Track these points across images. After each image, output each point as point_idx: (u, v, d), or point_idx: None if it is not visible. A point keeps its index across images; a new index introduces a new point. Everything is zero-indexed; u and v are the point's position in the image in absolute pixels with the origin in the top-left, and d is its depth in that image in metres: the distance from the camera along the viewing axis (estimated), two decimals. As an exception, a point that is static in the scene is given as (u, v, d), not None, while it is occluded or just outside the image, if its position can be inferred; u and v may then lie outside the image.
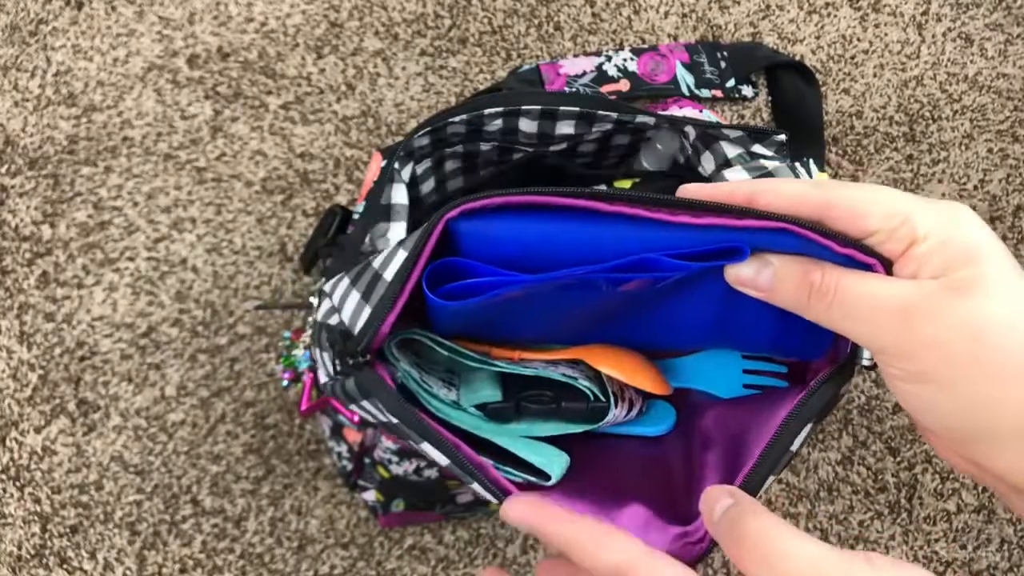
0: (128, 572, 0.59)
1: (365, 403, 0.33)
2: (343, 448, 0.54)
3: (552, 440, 0.36)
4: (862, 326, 0.29)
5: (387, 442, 0.48)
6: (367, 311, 0.32)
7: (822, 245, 0.29)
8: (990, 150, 0.66)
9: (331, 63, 0.65)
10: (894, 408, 0.63)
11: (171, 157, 0.63)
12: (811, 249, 0.30)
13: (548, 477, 0.33)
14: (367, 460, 0.53)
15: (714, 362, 0.40)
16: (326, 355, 0.35)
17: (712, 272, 0.33)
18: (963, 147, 0.66)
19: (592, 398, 0.36)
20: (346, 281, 0.35)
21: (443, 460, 0.32)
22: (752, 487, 0.31)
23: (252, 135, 0.64)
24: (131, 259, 0.62)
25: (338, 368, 0.34)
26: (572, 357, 0.37)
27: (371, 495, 0.55)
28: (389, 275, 0.31)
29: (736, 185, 0.31)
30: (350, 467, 0.54)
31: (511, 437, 0.35)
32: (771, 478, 0.31)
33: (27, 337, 0.61)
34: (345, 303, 0.34)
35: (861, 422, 0.63)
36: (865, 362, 0.32)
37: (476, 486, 0.32)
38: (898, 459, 0.62)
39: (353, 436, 0.51)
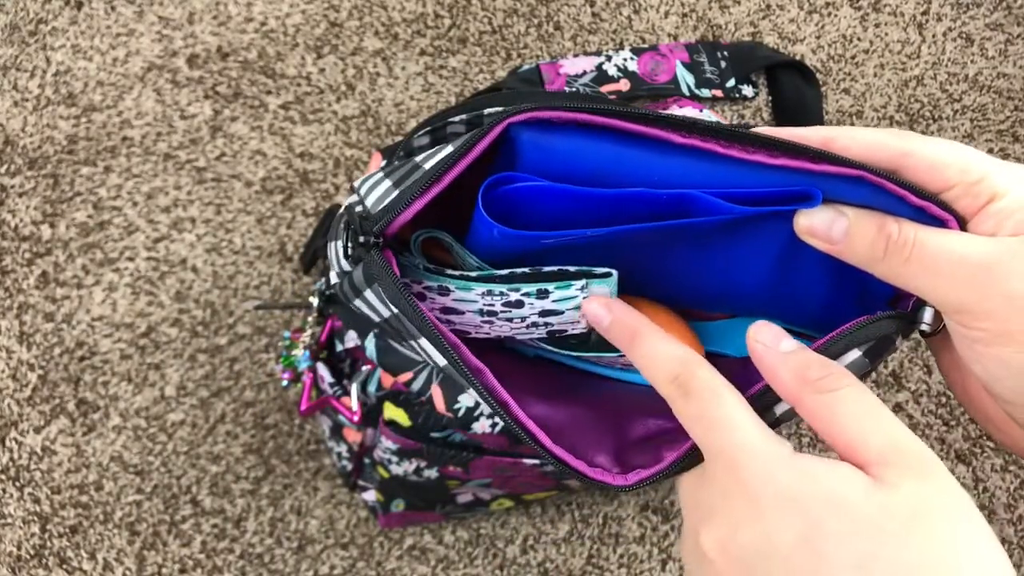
0: (128, 572, 0.59)
1: (369, 294, 0.32)
2: (343, 448, 0.54)
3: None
4: (941, 282, 0.27)
5: (387, 442, 0.48)
6: (394, 194, 0.30)
7: (897, 196, 0.28)
8: (990, 150, 0.66)
9: (331, 63, 0.65)
10: (894, 408, 0.63)
11: (171, 157, 0.63)
12: (883, 200, 0.28)
13: (609, 274, 0.32)
14: (367, 460, 0.53)
15: (747, 328, 0.39)
16: (339, 243, 0.34)
17: (771, 225, 0.31)
18: (963, 147, 0.66)
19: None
20: (379, 175, 0.33)
21: (440, 360, 0.31)
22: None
23: (252, 135, 0.64)
24: (131, 259, 0.62)
25: (348, 252, 0.32)
26: None
27: (371, 495, 0.55)
28: (428, 165, 0.30)
29: (811, 129, 0.30)
30: (350, 467, 0.54)
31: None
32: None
33: (27, 337, 0.61)
34: (373, 191, 0.32)
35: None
36: (924, 326, 0.30)
37: (472, 393, 0.31)
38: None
39: (353, 436, 0.51)
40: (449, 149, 0.30)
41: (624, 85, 0.64)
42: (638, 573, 0.60)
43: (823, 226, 0.29)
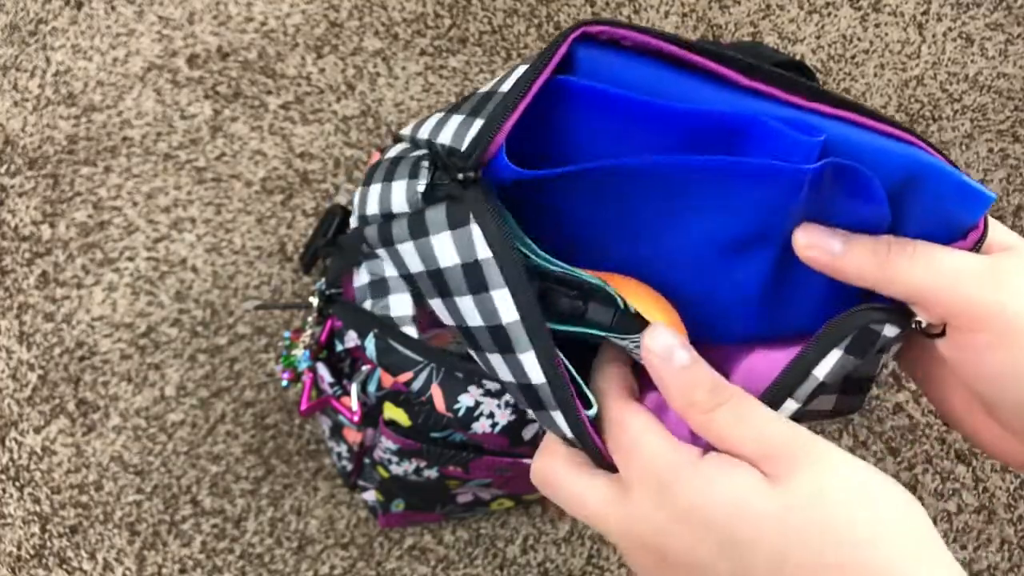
0: (128, 572, 0.59)
1: (436, 239, 0.29)
2: (343, 448, 0.54)
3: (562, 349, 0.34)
4: (947, 281, 0.27)
5: (387, 442, 0.48)
6: (479, 123, 0.28)
7: (946, 164, 0.28)
8: (990, 150, 0.66)
9: (331, 63, 0.65)
10: (894, 408, 0.63)
11: (171, 157, 0.63)
12: (928, 171, 0.28)
13: (590, 404, 0.31)
14: (367, 460, 0.53)
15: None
16: (398, 183, 0.32)
17: (767, 244, 0.31)
18: (963, 147, 0.66)
19: (622, 307, 0.32)
20: (438, 115, 0.32)
21: (512, 316, 0.28)
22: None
23: (252, 135, 0.64)
24: (131, 259, 0.62)
25: (424, 191, 0.30)
26: (602, 277, 0.34)
27: (371, 495, 0.55)
28: (506, 87, 0.28)
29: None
30: (350, 467, 0.54)
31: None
32: (791, 401, 0.30)
33: (27, 337, 0.61)
34: (442, 129, 0.30)
35: (861, 422, 0.63)
36: (920, 320, 0.30)
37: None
38: (898, 459, 0.62)
39: (353, 436, 0.51)
40: (519, 69, 0.28)
41: (624, 85, 0.64)
42: (638, 573, 0.60)
43: (823, 239, 0.29)
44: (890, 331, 0.30)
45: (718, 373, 0.29)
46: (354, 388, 0.47)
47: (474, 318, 0.30)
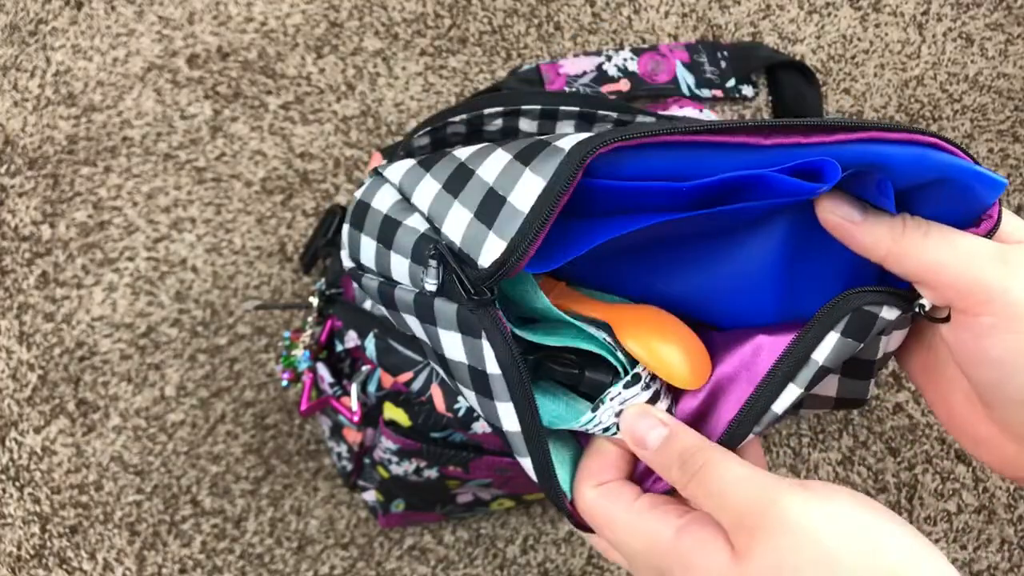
0: (128, 572, 0.59)
1: (446, 333, 0.31)
2: (343, 448, 0.54)
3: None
4: (956, 261, 0.28)
5: (387, 442, 0.48)
6: (492, 239, 0.28)
7: (951, 154, 0.28)
8: (990, 150, 0.66)
9: (331, 63, 0.65)
10: (894, 408, 0.63)
11: (171, 157, 0.63)
12: (936, 163, 0.29)
13: (616, 372, 0.32)
14: (367, 460, 0.53)
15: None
16: (397, 256, 0.32)
17: (780, 219, 0.31)
18: (963, 147, 0.66)
19: (621, 372, 0.32)
20: (430, 181, 0.32)
21: (514, 427, 0.30)
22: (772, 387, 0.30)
23: (252, 135, 0.64)
24: (131, 259, 0.62)
25: (429, 287, 0.30)
26: (604, 318, 0.33)
27: (371, 495, 0.55)
28: (521, 205, 0.28)
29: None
30: (350, 467, 0.54)
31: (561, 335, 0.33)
32: (792, 386, 0.30)
33: (27, 337, 0.61)
34: (447, 215, 0.30)
35: (861, 422, 0.63)
36: (924, 303, 0.30)
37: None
38: (898, 459, 0.62)
39: (353, 436, 0.51)
40: (528, 176, 0.29)
41: (624, 85, 0.64)
42: (638, 573, 0.60)
43: (844, 205, 0.30)
44: (889, 313, 0.30)
45: (691, 437, 0.30)
46: (354, 388, 0.47)
47: (473, 401, 0.32)
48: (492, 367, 0.30)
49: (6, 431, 0.60)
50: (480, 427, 0.44)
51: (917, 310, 0.30)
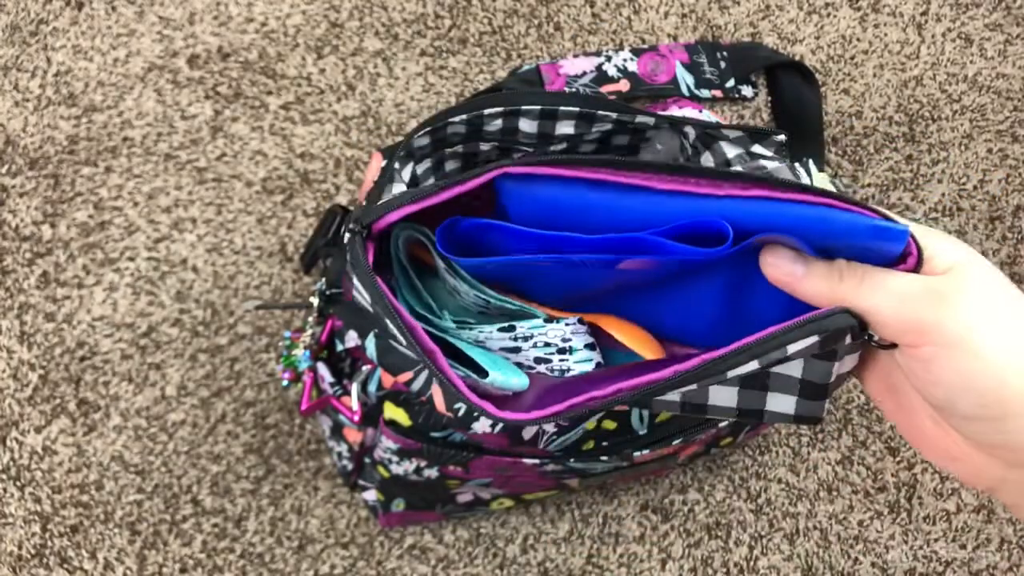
0: (128, 572, 0.59)
1: (355, 279, 0.36)
2: (343, 448, 0.54)
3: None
4: (890, 302, 0.30)
5: (387, 442, 0.48)
6: (391, 197, 0.36)
7: (855, 214, 0.31)
8: (990, 150, 0.66)
9: (331, 63, 0.65)
10: (894, 408, 0.63)
11: (171, 157, 0.63)
12: (842, 227, 0.31)
13: (485, 373, 0.35)
14: (367, 460, 0.53)
15: None
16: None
17: (715, 265, 0.34)
18: (963, 147, 0.66)
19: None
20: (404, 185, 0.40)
21: (403, 340, 0.35)
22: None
23: (252, 135, 0.64)
24: (131, 259, 0.62)
25: (340, 232, 0.37)
26: (592, 318, 0.39)
27: (371, 494, 0.55)
28: (430, 183, 0.36)
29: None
30: (350, 467, 0.54)
31: (469, 345, 0.39)
32: (755, 362, 0.32)
33: (27, 337, 0.61)
34: (392, 192, 0.38)
35: (861, 422, 0.63)
36: (875, 335, 0.32)
37: (425, 374, 0.35)
38: (898, 459, 0.62)
39: (353, 436, 0.51)
40: (453, 169, 0.35)
41: (624, 85, 0.64)
42: (638, 572, 0.60)
43: (787, 261, 0.33)
44: (847, 339, 0.32)
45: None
46: (354, 388, 0.47)
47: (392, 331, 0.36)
48: (362, 289, 0.36)
49: (7, 431, 0.60)
50: (480, 427, 0.44)
51: (866, 339, 0.32)
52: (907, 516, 0.61)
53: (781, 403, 0.35)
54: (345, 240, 0.37)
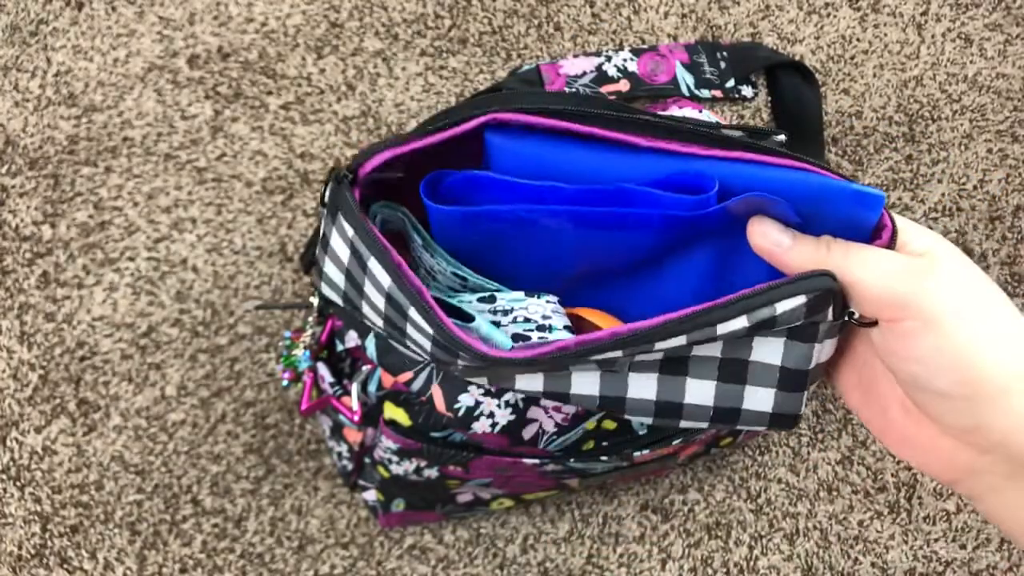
0: (128, 572, 0.59)
1: (342, 221, 0.36)
2: (343, 448, 0.54)
3: None
4: (873, 277, 0.31)
5: (387, 442, 0.48)
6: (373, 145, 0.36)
7: (840, 181, 0.32)
8: (989, 150, 0.66)
9: (331, 63, 0.65)
10: (894, 408, 0.63)
11: (171, 157, 0.63)
12: (829, 193, 0.32)
13: (471, 318, 0.36)
14: (367, 460, 0.53)
15: None
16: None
17: (699, 244, 0.34)
18: (962, 147, 0.66)
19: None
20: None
21: (386, 280, 0.35)
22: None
23: (252, 135, 0.64)
24: (131, 259, 0.62)
25: (324, 196, 0.38)
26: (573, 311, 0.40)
27: (371, 495, 0.55)
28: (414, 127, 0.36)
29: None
30: (350, 467, 0.54)
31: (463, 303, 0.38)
32: (744, 318, 0.32)
33: (27, 337, 0.61)
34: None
35: (860, 422, 0.63)
36: (855, 313, 0.33)
37: (413, 312, 0.34)
38: (897, 459, 0.62)
39: (353, 436, 0.51)
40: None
41: (624, 86, 0.64)
42: (638, 572, 0.60)
43: (775, 233, 0.33)
44: (830, 314, 0.33)
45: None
46: (354, 388, 0.47)
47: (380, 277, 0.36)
48: (349, 230, 0.36)
49: (7, 431, 0.60)
50: (480, 427, 0.44)
51: (847, 318, 0.33)
52: (907, 516, 0.61)
53: (759, 399, 0.35)
54: (327, 198, 0.37)
